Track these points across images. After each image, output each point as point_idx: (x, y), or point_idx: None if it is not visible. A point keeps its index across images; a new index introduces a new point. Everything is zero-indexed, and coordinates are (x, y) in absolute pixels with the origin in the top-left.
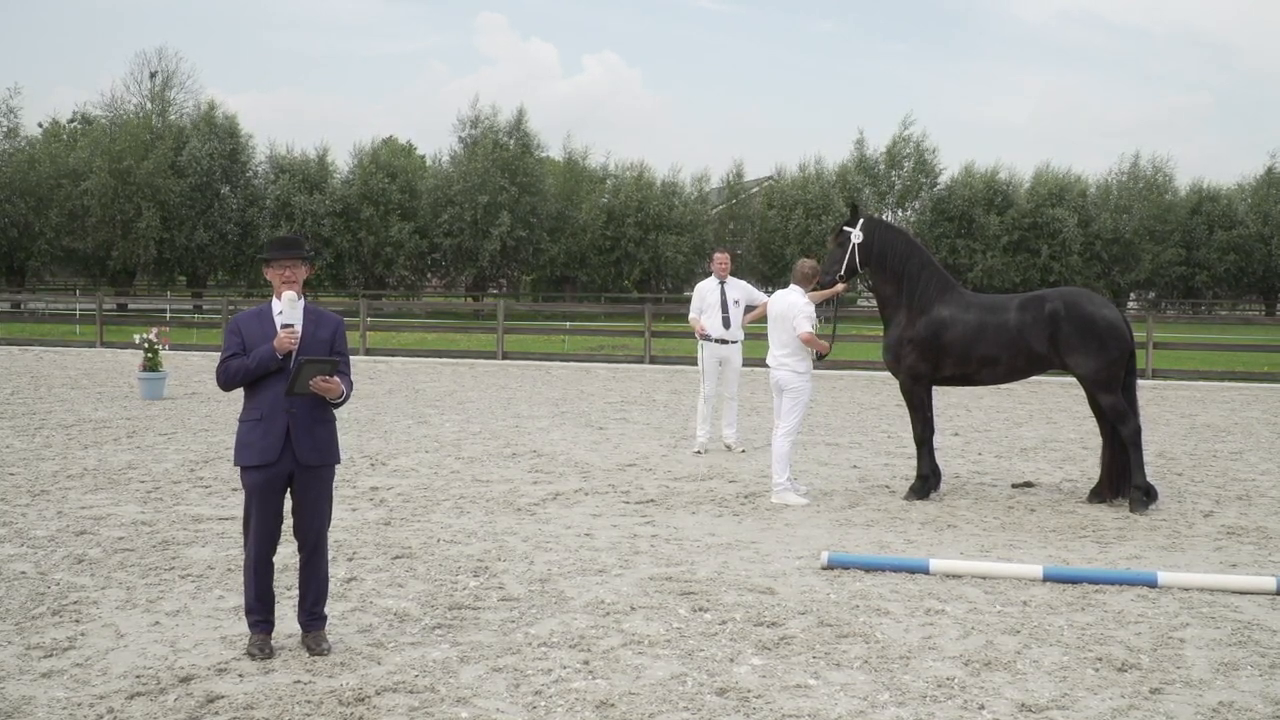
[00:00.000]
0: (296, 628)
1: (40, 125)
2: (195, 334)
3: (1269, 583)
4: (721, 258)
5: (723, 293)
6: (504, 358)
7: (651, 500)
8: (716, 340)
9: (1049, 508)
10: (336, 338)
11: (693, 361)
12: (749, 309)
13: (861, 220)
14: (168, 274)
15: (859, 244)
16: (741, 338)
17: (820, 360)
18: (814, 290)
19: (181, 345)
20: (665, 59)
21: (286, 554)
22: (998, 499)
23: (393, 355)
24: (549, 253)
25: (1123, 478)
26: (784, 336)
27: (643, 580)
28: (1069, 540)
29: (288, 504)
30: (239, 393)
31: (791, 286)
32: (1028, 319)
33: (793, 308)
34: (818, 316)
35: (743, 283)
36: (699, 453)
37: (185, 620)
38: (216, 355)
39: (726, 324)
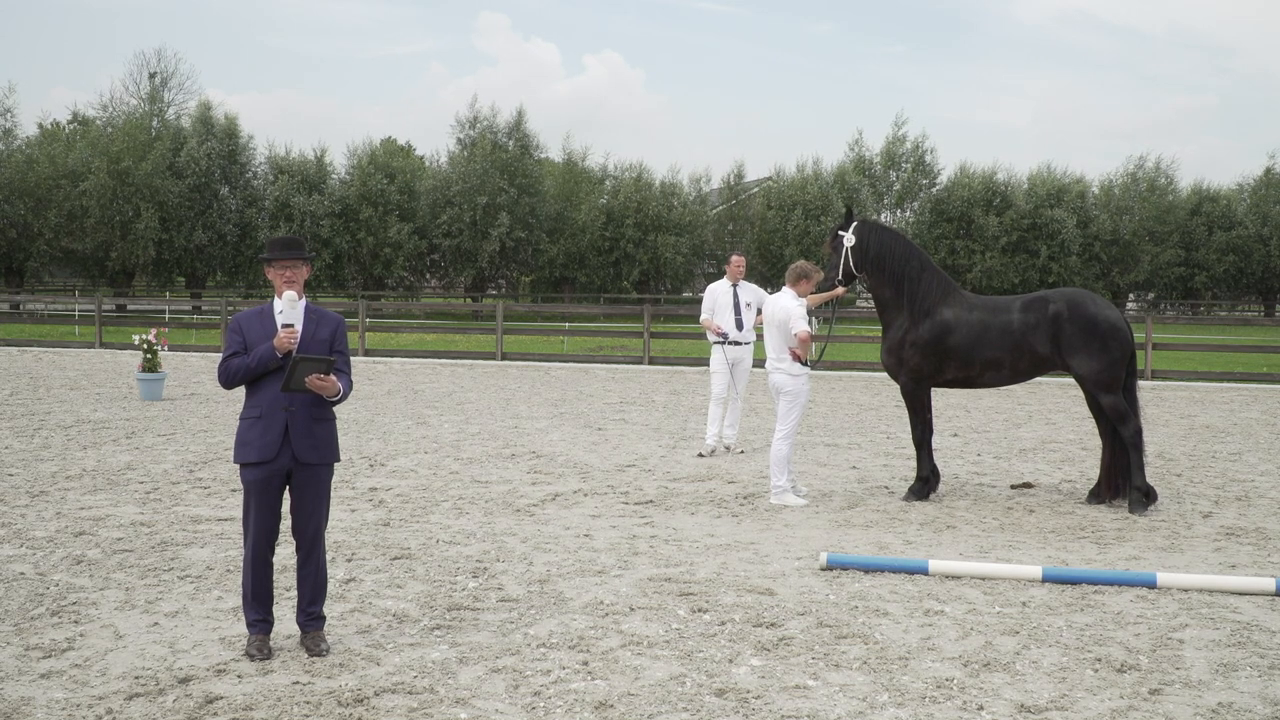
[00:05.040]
0: (295, 629)
1: (40, 126)
2: (194, 335)
3: (1268, 583)
4: (738, 260)
5: (735, 295)
6: (503, 359)
7: (650, 501)
8: (730, 342)
9: (1048, 509)
10: (337, 337)
11: (691, 362)
12: (759, 312)
13: (855, 224)
14: (166, 275)
15: (852, 248)
16: (753, 339)
17: (808, 364)
18: (812, 294)
19: (180, 346)
20: (667, 60)
21: (285, 555)
22: (997, 500)
23: (391, 356)
24: (548, 254)
25: (1122, 479)
26: (780, 340)
27: (642, 581)
28: (1068, 541)
29: (287, 502)
30: (238, 393)
31: (785, 289)
32: (1031, 320)
33: (786, 311)
34: (816, 319)
35: (754, 286)
36: (702, 455)
37: (184, 621)
38: (215, 356)
39: (739, 326)
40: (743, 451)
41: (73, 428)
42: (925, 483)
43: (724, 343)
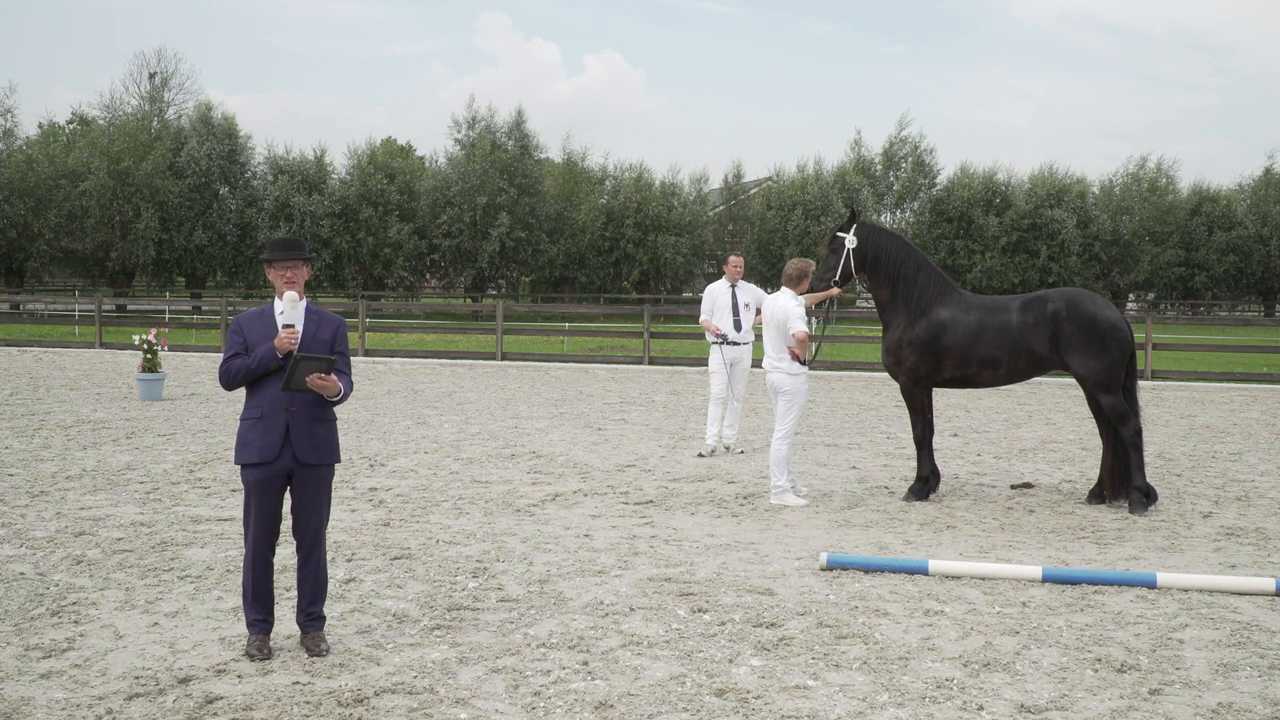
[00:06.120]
0: (295, 629)
1: (40, 126)
2: (194, 335)
3: (1268, 584)
4: (736, 261)
5: (734, 295)
6: (503, 359)
7: (650, 501)
8: (729, 342)
9: (1048, 509)
10: (337, 338)
11: (691, 363)
12: (757, 312)
13: (855, 225)
14: (166, 275)
15: (853, 249)
16: (751, 339)
17: (805, 364)
18: (807, 293)
19: (180, 346)
20: (668, 60)
21: (286, 555)
22: (997, 500)
23: (391, 356)
24: (548, 254)
25: (1123, 479)
26: (778, 340)
27: (642, 581)
28: (1068, 541)
29: (287, 503)
30: (239, 394)
31: (782, 289)
32: (1029, 320)
33: (784, 311)
34: (817, 319)
35: (753, 286)
36: (702, 455)
37: (184, 621)
38: (215, 356)
39: (738, 326)
40: (742, 451)
41: (73, 428)
42: (925, 483)
43: (722, 343)
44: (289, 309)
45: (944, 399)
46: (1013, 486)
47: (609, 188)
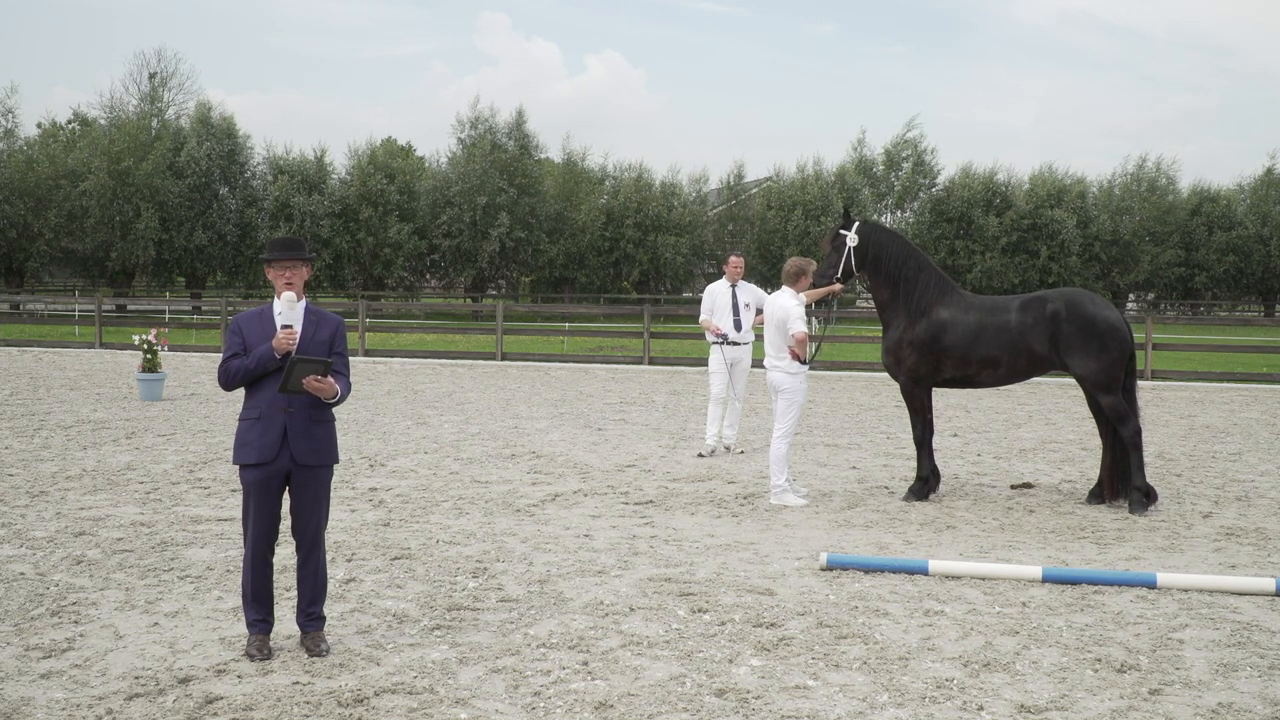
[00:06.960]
0: (295, 629)
1: (39, 126)
2: (194, 335)
3: (1268, 584)
4: (736, 261)
5: (734, 295)
6: (503, 359)
7: (650, 501)
8: (729, 342)
9: (1048, 509)
10: (336, 338)
11: (691, 362)
12: (758, 312)
13: (856, 224)
14: (166, 275)
15: (854, 248)
16: (751, 339)
17: (805, 364)
18: (809, 290)
19: (180, 346)
20: (668, 60)
21: (285, 555)
22: (997, 500)
23: (391, 356)
24: (548, 254)
25: (1122, 479)
26: (778, 339)
27: (642, 581)
28: (1068, 541)
29: (287, 502)
30: (238, 394)
31: (783, 288)
32: (1029, 320)
33: (785, 310)
34: (817, 319)
35: (753, 286)
36: (702, 455)
37: (184, 621)
38: (215, 356)
39: (738, 326)
40: (743, 451)
41: (73, 428)
42: (925, 483)
43: (723, 343)
44: (287, 309)
45: (944, 399)
46: (1013, 486)
47: (609, 188)
